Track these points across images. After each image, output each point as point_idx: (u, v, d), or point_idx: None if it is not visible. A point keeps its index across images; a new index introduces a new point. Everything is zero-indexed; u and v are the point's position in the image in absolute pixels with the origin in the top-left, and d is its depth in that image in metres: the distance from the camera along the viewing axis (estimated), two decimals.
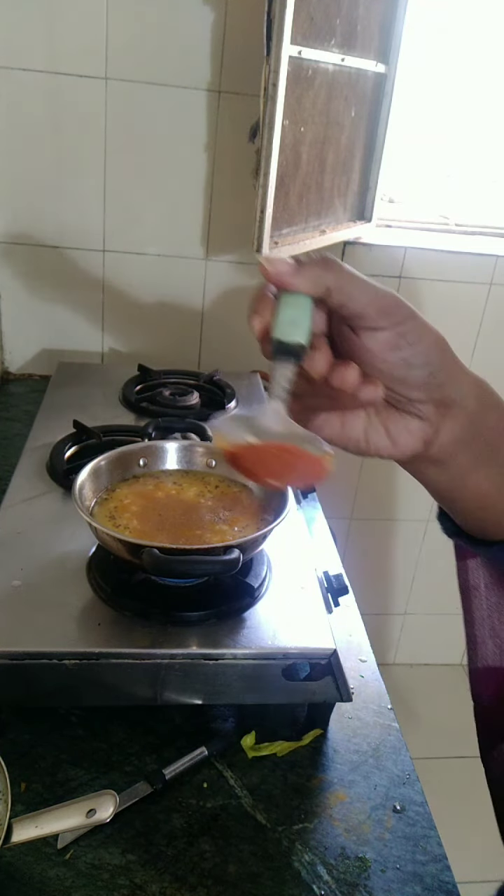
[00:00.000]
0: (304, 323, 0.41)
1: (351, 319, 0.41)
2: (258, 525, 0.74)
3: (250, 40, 1.17)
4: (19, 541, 0.77)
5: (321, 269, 0.40)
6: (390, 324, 0.41)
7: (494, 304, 1.51)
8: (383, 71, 1.32)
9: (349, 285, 0.40)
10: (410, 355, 0.42)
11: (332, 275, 0.40)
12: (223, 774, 0.66)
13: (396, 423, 0.45)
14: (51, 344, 1.41)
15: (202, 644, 0.66)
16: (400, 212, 1.60)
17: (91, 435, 1.00)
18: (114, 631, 0.66)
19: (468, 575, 0.58)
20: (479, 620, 0.58)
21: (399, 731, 0.72)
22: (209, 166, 1.30)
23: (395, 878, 0.59)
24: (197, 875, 0.58)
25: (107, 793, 0.54)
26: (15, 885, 0.55)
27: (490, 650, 0.57)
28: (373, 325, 0.41)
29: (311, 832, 0.62)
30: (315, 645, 0.67)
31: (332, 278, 0.40)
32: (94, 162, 1.27)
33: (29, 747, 0.66)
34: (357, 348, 0.42)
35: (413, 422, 0.44)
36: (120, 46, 1.19)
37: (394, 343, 0.41)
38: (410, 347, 0.41)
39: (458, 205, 1.63)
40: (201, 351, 1.45)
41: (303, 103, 1.17)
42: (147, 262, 1.36)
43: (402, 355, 0.42)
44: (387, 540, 1.78)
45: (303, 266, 0.41)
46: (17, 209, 1.29)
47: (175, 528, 0.73)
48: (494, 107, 1.57)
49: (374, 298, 0.40)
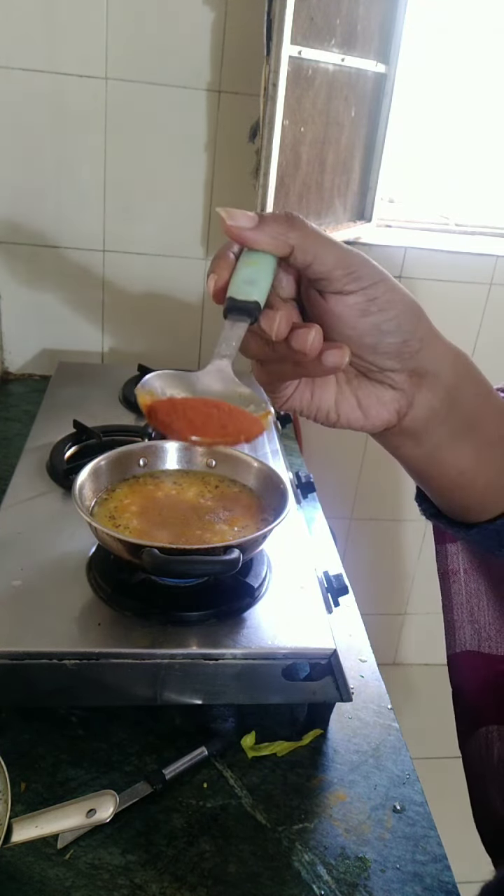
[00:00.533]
0: (262, 282, 0.39)
1: (317, 282, 0.39)
2: (258, 525, 0.74)
3: (250, 40, 1.17)
4: (19, 541, 0.77)
5: (284, 225, 0.38)
6: (359, 287, 0.39)
7: (494, 304, 1.51)
8: (383, 71, 1.32)
9: (314, 244, 0.38)
10: (381, 321, 0.40)
11: (295, 233, 0.38)
12: (223, 774, 0.66)
13: (368, 394, 0.43)
14: (51, 344, 1.41)
15: (202, 644, 0.66)
16: (400, 212, 1.60)
17: (91, 435, 1.00)
18: (114, 631, 0.66)
19: (447, 560, 0.58)
20: (457, 605, 0.57)
21: (399, 731, 0.72)
22: (209, 166, 1.30)
23: (395, 878, 0.59)
24: (197, 875, 0.58)
25: (107, 793, 0.54)
26: (15, 885, 0.55)
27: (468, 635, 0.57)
28: (340, 288, 0.39)
29: (311, 832, 0.62)
30: (315, 645, 0.67)
31: (295, 236, 0.38)
32: (94, 162, 1.27)
33: (29, 747, 0.66)
34: (325, 314, 0.40)
35: (386, 392, 0.43)
36: (120, 46, 1.19)
37: (363, 308, 0.39)
38: (381, 313, 0.40)
39: (458, 205, 1.63)
40: (201, 351, 1.45)
41: (303, 103, 1.17)
42: (147, 261, 1.36)
43: (373, 321, 0.40)
44: (387, 540, 1.78)
45: (265, 221, 0.38)
46: (17, 209, 1.29)
47: (175, 528, 0.73)
48: (494, 107, 1.57)
49: (340, 259, 0.38)
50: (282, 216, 0.39)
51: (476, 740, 0.57)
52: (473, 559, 0.56)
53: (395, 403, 0.43)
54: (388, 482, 1.69)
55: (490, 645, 0.56)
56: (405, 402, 0.43)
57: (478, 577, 0.56)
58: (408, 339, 0.40)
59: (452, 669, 0.59)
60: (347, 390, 0.43)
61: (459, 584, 0.57)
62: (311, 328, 0.39)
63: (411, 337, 0.41)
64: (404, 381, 0.42)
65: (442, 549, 0.58)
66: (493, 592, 0.56)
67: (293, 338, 0.39)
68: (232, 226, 0.38)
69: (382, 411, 0.43)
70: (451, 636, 0.58)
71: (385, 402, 0.43)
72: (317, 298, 0.40)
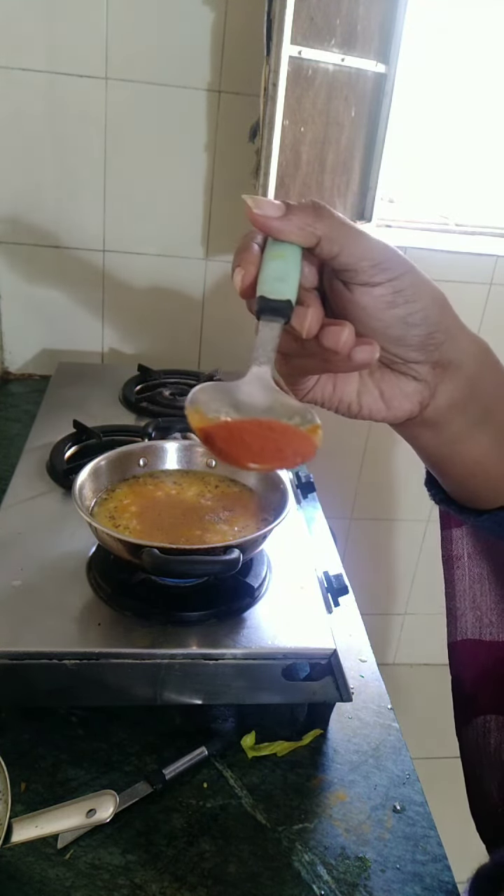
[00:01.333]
0: (292, 277, 0.37)
1: (343, 273, 0.38)
2: (258, 525, 0.74)
3: (250, 40, 1.17)
4: (19, 541, 0.77)
5: (312, 215, 0.37)
6: (386, 279, 0.38)
7: (494, 304, 1.51)
8: (383, 71, 1.32)
9: (342, 235, 0.37)
10: (408, 313, 0.39)
11: (322, 223, 0.37)
12: (223, 774, 0.66)
13: (391, 385, 0.42)
14: (51, 344, 1.41)
15: (202, 644, 0.66)
16: (400, 212, 1.60)
17: (91, 435, 1.00)
18: (114, 631, 0.66)
19: (452, 545, 0.57)
20: (460, 592, 0.57)
21: (399, 731, 0.72)
22: (209, 166, 1.30)
23: (395, 878, 0.59)
24: (197, 875, 0.58)
25: (107, 793, 0.54)
26: (15, 885, 0.55)
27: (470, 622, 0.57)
28: (367, 279, 0.38)
29: (311, 832, 0.62)
30: (315, 645, 0.67)
31: (322, 227, 0.37)
32: (94, 162, 1.27)
33: (29, 747, 0.66)
34: (350, 305, 0.39)
35: (409, 383, 0.42)
36: (120, 46, 1.19)
37: (390, 300, 0.38)
38: (408, 305, 0.39)
39: (458, 205, 1.63)
40: (201, 351, 1.45)
41: (303, 103, 1.17)
42: (147, 261, 1.36)
43: (399, 313, 0.39)
44: (387, 540, 1.78)
45: (292, 211, 0.37)
46: (17, 209, 1.29)
47: (175, 528, 0.73)
48: (495, 107, 1.57)
49: (368, 250, 0.37)
50: (309, 205, 0.37)
51: (473, 729, 0.57)
52: (478, 543, 0.56)
53: (418, 395, 0.42)
54: (388, 482, 1.69)
55: (491, 631, 0.56)
56: (428, 394, 0.42)
57: (481, 561, 0.56)
58: (433, 331, 0.40)
59: (452, 657, 0.59)
60: (370, 382, 0.43)
61: (463, 570, 0.57)
62: (343, 326, 0.37)
63: (437, 329, 0.40)
64: (428, 372, 0.41)
65: (447, 535, 0.57)
66: (495, 577, 0.56)
67: (324, 335, 0.38)
68: (259, 214, 0.37)
69: (405, 402, 0.42)
70: (453, 624, 0.58)
71: (408, 394, 0.42)
72: (341, 289, 0.39)
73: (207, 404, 0.39)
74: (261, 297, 0.37)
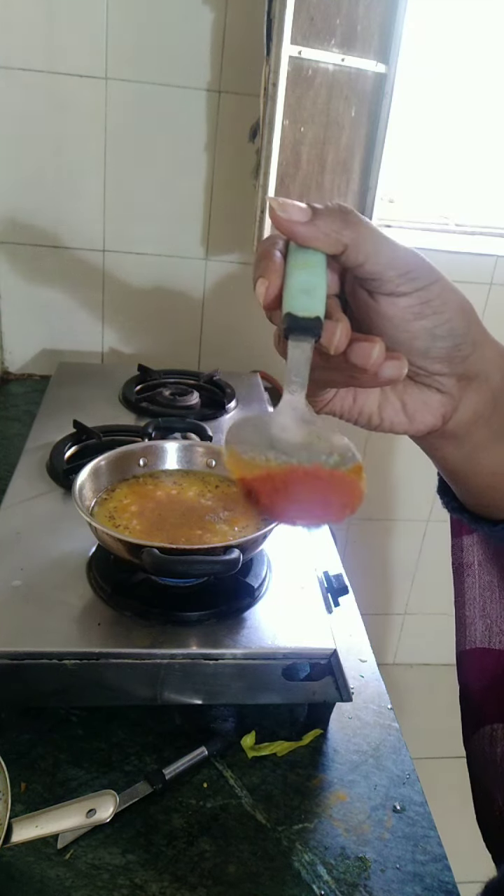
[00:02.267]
0: (318, 289, 0.35)
1: (368, 282, 0.36)
2: (258, 525, 0.74)
3: (250, 40, 1.17)
4: (19, 541, 0.77)
5: (339, 221, 0.35)
6: (413, 288, 0.36)
7: (494, 304, 1.51)
8: (383, 71, 1.32)
9: (368, 242, 0.35)
10: (434, 325, 0.37)
11: (350, 230, 0.35)
12: (223, 774, 0.66)
13: (414, 398, 0.40)
14: (51, 344, 1.41)
15: (202, 644, 0.66)
16: (400, 212, 1.60)
17: (91, 435, 1.00)
18: (114, 631, 0.66)
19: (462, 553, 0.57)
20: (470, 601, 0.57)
21: (399, 731, 0.72)
22: (209, 166, 1.30)
23: (395, 878, 0.59)
24: (197, 875, 0.58)
25: (107, 793, 0.54)
26: (15, 885, 0.55)
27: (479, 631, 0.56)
28: (393, 289, 0.36)
29: (311, 832, 0.62)
30: (315, 645, 0.67)
31: (349, 234, 0.35)
32: (94, 162, 1.27)
33: (29, 747, 0.66)
34: (374, 314, 0.38)
35: (433, 396, 0.40)
36: (120, 46, 1.19)
37: (417, 311, 0.37)
38: (435, 316, 0.37)
39: (458, 205, 1.63)
40: (201, 351, 1.45)
41: (303, 103, 1.17)
42: (147, 261, 1.36)
43: (425, 324, 0.37)
44: (387, 540, 1.78)
45: (318, 216, 0.35)
46: (17, 209, 1.29)
47: (175, 528, 0.73)
48: (495, 107, 1.57)
49: (395, 259, 0.36)
50: (336, 210, 0.35)
51: (480, 738, 0.57)
52: (488, 550, 0.56)
53: (442, 408, 0.40)
54: (388, 482, 1.69)
55: (501, 640, 0.55)
56: (451, 407, 0.40)
57: (491, 568, 0.56)
58: (459, 343, 0.38)
59: (461, 666, 0.58)
60: (392, 394, 0.41)
61: (473, 578, 0.56)
62: (374, 342, 0.35)
63: (463, 341, 0.38)
64: (453, 384, 0.40)
65: (458, 542, 0.56)
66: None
67: (353, 352, 0.36)
68: (284, 218, 0.35)
69: (428, 416, 0.41)
70: (462, 633, 0.57)
71: (431, 407, 0.40)
72: (365, 297, 0.38)
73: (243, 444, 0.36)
74: (289, 315, 0.35)
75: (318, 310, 0.35)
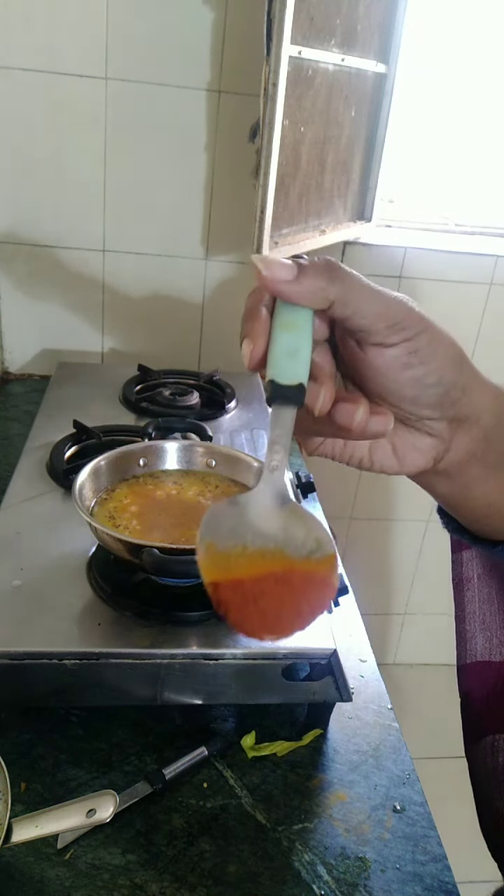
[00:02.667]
0: (303, 351, 0.35)
1: (356, 333, 0.37)
2: None
3: (250, 40, 1.17)
4: (19, 541, 0.77)
5: (325, 278, 0.35)
6: (401, 339, 0.36)
7: (494, 304, 1.51)
8: (383, 71, 1.33)
9: (355, 297, 0.35)
10: (423, 374, 0.37)
11: (336, 286, 0.35)
12: (223, 774, 0.66)
13: (405, 441, 0.41)
14: (51, 344, 1.41)
15: (202, 644, 0.66)
16: (400, 212, 1.60)
17: (91, 435, 1.00)
18: (114, 631, 0.66)
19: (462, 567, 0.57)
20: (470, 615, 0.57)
21: (399, 731, 0.72)
22: (209, 166, 1.30)
23: (395, 878, 0.59)
24: (197, 875, 0.58)
25: (107, 793, 0.54)
26: (15, 885, 0.55)
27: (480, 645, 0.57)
28: (381, 340, 0.36)
29: (311, 832, 0.62)
30: (315, 645, 0.67)
31: (335, 290, 0.35)
32: (94, 162, 1.27)
33: (29, 747, 0.66)
34: (362, 364, 0.38)
35: (423, 439, 0.40)
36: (120, 46, 1.19)
37: (405, 361, 0.37)
38: (423, 366, 0.37)
39: (458, 205, 1.63)
40: (201, 351, 1.45)
41: (303, 103, 1.17)
42: (147, 262, 1.36)
43: (414, 374, 0.37)
44: (387, 540, 1.78)
45: (304, 273, 0.35)
46: (17, 209, 1.29)
47: (175, 528, 0.73)
48: (495, 107, 1.57)
49: (383, 311, 0.36)
50: (322, 265, 0.35)
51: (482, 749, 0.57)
52: (486, 563, 0.56)
53: (433, 450, 0.41)
54: (388, 482, 1.69)
55: (501, 651, 0.56)
56: (442, 449, 0.41)
57: (490, 581, 0.56)
58: (449, 389, 0.38)
59: (462, 680, 0.58)
60: (383, 438, 0.41)
61: (473, 592, 0.56)
62: (357, 404, 0.36)
63: (453, 388, 0.38)
64: (443, 428, 0.40)
65: (458, 557, 0.57)
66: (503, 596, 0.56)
67: (338, 413, 0.36)
68: (269, 278, 0.35)
69: (418, 458, 0.41)
70: (463, 647, 0.57)
71: (422, 450, 0.41)
72: (353, 347, 0.38)
73: (218, 534, 0.37)
74: (272, 383, 0.35)
75: (301, 375, 0.35)
